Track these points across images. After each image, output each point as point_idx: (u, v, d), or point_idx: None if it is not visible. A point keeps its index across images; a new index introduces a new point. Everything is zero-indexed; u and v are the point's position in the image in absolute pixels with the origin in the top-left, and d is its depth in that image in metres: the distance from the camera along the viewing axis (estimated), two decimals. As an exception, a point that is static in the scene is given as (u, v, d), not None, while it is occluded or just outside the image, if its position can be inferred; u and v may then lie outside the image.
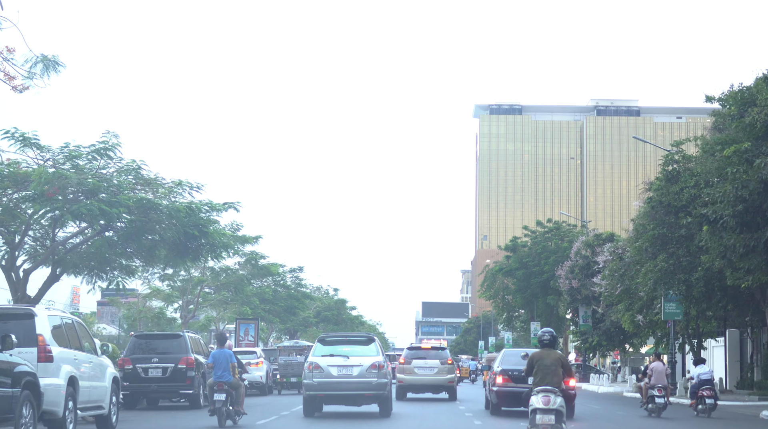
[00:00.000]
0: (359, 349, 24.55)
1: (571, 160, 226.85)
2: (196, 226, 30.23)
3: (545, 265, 78.49)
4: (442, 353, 35.59)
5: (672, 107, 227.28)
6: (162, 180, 30.52)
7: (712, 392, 29.04)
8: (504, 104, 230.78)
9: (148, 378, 27.49)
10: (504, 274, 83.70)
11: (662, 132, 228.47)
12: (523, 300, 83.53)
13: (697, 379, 29.87)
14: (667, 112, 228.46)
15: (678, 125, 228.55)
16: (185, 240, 30.59)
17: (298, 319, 76.31)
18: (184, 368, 27.29)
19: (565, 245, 78.55)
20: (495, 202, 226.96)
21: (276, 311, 67.00)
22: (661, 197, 38.37)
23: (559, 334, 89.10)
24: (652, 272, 38.27)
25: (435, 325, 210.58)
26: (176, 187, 30.41)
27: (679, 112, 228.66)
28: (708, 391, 28.92)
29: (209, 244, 31.45)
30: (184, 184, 30.61)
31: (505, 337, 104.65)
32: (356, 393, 24.09)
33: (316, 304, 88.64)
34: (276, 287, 66.86)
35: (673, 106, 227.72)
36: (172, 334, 29.44)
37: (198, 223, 30.30)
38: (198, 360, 27.92)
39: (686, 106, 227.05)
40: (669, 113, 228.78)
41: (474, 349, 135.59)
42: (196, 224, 30.22)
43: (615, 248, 48.90)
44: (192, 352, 27.81)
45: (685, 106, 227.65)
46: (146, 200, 28.94)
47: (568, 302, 64.15)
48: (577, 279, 61.70)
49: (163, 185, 30.19)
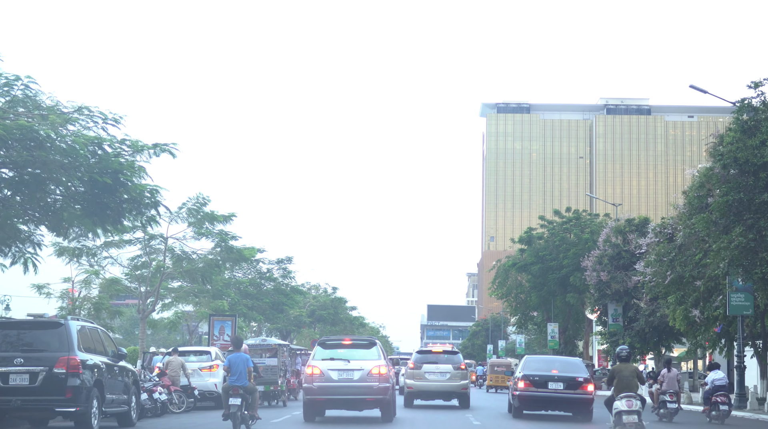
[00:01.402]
0: (360, 352, 23.91)
1: (580, 159, 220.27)
2: (110, 173, 21.11)
3: (564, 259, 69.29)
4: (455, 357, 33.49)
5: (683, 106, 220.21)
6: (62, 108, 21.46)
7: (727, 399, 27.96)
8: (511, 103, 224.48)
9: (8, 388, 17.55)
10: (518, 270, 74.28)
11: (673, 131, 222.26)
12: (539, 299, 74.14)
13: (711, 384, 28.70)
14: (678, 111, 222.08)
15: (690, 124, 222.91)
16: (100, 193, 21.58)
17: (288, 317, 66.88)
18: (63, 373, 17.68)
19: (586, 236, 69.39)
20: (502, 202, 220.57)
21: (260, 308, 57.43)
22: (735, 153, 29.12)
23: (579, 336, 79.98)
24: (726, 250, 28.99)
25: (440, 328, 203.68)
26: (77, 116, 21.21)
27: (690, 111, 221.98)
28: (722, 397, 27.86)
29: (133, 200, 22.19)
30: (92, 110, 21.47)
31: (517, 341, 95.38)
32: (357, 397, 23.47)
33: (310, 302, 78.63)
34: (261, 280, 57.44)
35: (684, 105, 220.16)
36: (47, 322, 18.69)
37: (113, 169, 21.17)
38: (89, 362, 18.53)
39: (698, 104, 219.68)
40: (680, 112, 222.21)
41: (482, 353, 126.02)
42: (110, 171, 21.13)
43: (663, 227, 39.63)
44: (79, 350, 18.21)
45: (697, 105, 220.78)
46: (28, 130, 19.65)
47: (596, 298, 54.68)
48: (606, 271, 52.40)
49: (57, 112, 20.99)
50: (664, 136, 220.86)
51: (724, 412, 27.63)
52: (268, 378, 31.35)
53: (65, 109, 21.54)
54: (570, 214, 73.80)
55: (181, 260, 43.93)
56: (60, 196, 22.62)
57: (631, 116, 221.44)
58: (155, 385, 26.06)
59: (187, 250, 44.16)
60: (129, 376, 21.17)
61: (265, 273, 58.36)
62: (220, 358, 31.70)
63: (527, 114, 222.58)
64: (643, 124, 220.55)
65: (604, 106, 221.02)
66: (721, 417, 27.62)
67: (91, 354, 18.83)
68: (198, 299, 50.85)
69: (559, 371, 26.89)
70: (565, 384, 26.32)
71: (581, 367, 27.74)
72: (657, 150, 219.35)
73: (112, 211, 22.34)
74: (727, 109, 53.57)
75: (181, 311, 51.35)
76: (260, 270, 58.16)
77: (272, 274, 58.76)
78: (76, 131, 21.40)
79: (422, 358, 33.12)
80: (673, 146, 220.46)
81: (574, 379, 26.42)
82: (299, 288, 59.28)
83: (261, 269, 58.17)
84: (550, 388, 26.39)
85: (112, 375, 19.83)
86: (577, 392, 26.30)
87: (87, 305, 43.87)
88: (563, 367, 27.56)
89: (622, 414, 18.11)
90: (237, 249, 45.48)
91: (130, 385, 21.11)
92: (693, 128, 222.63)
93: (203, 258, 44.49)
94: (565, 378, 26.42)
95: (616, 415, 18.29)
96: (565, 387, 26.31)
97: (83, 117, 21.55)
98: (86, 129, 21.71)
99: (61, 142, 20.48)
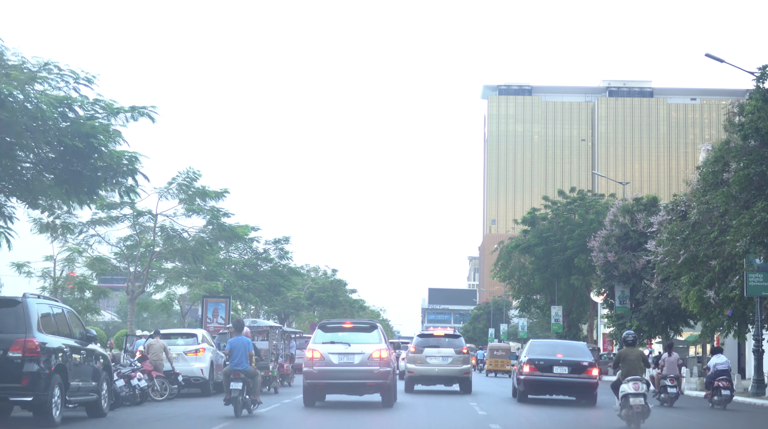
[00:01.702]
0: (361, 336, 23.59)
1: (582, 141, 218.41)
2: (82, 136, 19.07)
3: (569, 240, 67.33)
4: (457, 341, 32.62)
5: (686, 88, 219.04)
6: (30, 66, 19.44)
7: (729, 383, 27.67)
8: (513, 85, 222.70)
9: None
10: (521, 252, 72.24)
11: (676, 114, 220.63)
12: (543, 281, 72.16)
13: (713, 369, 28.30)
14: (681, 94, 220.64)
15: (693, 107, 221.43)
16: (71, 159, 19.59)
17: (285, 300, 64.81)
18: (19, 358, 15.54)
19: (592, 217, 67.47)
20: (504, 185, 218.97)
21: (257, 289, 55.41)
22: (757, 123, 27.09)
23: (583, 320, 78.08)
24: (747, 227, 26.98)
25: (442, 312, 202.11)
26: (46, 74, 19.16)
27: (693, 94, 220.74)
28: (724, 381, 27.53)
29: (109, 168, 20.11)
30: (62, 68, 19.40)
31: (519, 325, 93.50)
32: (358, 382, 23.15)
33: (309, 285, 76.49)
34: (257, 261, 55.31)
35: (687, 87, 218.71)
36: (2, 300, 16.72)
37: (84, 132, 19.12)
38: (50, 345, 16.34)
39: (701, 86, 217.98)
40: (683, 94, 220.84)
41: (484, 337, 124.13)
42: (81, 133, 19.09)
43: (675, 205, 37.64)
44: (39, 331, 16.09)
45: (700, 87, 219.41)
46: None
47: (602, 280, 52.68)
48: (614, 251, 50.42)
49: (23, 69, 18.93)
50: (666, 119, 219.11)
51: (726, 397, 27.26)
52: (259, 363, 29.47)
53: (34, 68, 19.52)
54: (574, 194, 71.81)
55: (172, 238, 41.72)
56: (29, 163, 20.62)
57: (634, 99, 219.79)
58: (134, 370, 24.02)
59: (178, 229, 42.00)
60: (99, 361, 18.95)
61: (261, 253, 56.25)
62: (207, 341, 29.68)
63: (529, 96, 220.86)
64: (645, 107, 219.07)
65: (606, 88, 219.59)
66: (723, 402, 27.26)
67: (53, 336, 16.70)
68: (191, 280, 48.73)
69: (564, 355, 26.82)
70: (570, 368, 26.35)
71: (586, 352, 27.69)
72: (659, 133, 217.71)
73: (86, 180, 20.28)
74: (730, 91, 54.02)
75: (174, 292, 49.25)
76: (256, 250, 56.08)
77: (269, 255, 56.61)
78: (43, 91, 19.42)
79: (423, 342, 32.42)
80: (675, 129, 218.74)
81: (579, 363, 26.42)
82: (297, 269, 57.10)
83: (257, 249, 56.13)
84: (555, 372, 26.42)
85: (78, 359, 17.58)
86: (581, 376, 26.29)
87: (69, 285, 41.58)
88: (568, 351, 27.50)
89: (629, 396, 18.22)
90: (230, 227, 43.32)
91: (100, 371, 18.88)
92: (695, 111, 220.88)
93: (195, 236, 42.35)
94: (570, 362, 26.43)
95: (622, 398, 18.43)
96: (570, 371, 26.34)
97: (52, 76, 19.53)
98: (56, 89, 19.70)
99: (27, 102, 18.42)
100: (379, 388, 23.34)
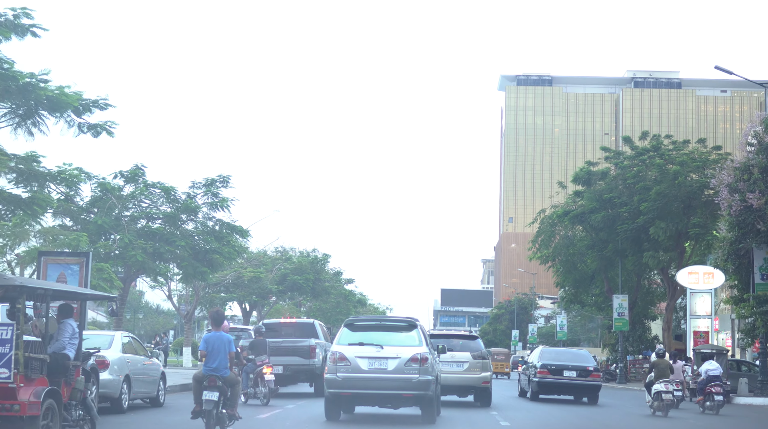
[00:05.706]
0: (397, 336, 18.88)
1: (606, 135, 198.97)
2: None
3: (641, 202, 46.25)
4: (474, 344, 27.42)
5: (716, 79, 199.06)
6: None
7: (721, 389, 27.19)
8: (532, 75, 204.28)
9: None
10: (571, 221, 50.89)
11: (705, 106, 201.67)
12: (602, 261, 50.84)
13: (705, 375, 27.72)
14: (710, 85, 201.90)
15: (723, 99, 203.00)
16: None
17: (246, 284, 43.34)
18: None
19: (677, 168, 46.27)
20: (522, 181, 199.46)
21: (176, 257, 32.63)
22: None
23: (647, 315, 56.94)
24: None
25: (455, 314, 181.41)
26: None
27: (723, 85, 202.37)
28: (717, 387, 27.07)
29: None
30: None
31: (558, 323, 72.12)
32: (392, 393, 18.44)
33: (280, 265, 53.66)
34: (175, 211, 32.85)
35: (717, 79, 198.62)
36: None
37: None
38: None
39: (732, 78, 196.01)
40: (713, 86, 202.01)
41: (506, 339, 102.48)
42: None
43: None
44: None
45: (731, 79, 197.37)
46: None
47: (735, 238, 30.92)
48: (759, 190, 29.01)
49: None
50: (695, 112, 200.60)
51: (719, 402, 26.91)
52: None
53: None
54: (646, 142, 50.54)
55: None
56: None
57: (660, 90, 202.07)
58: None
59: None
60: None
61: (182, 200, 33.38)
62: None
63: (549, 87, 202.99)
64: (673, 99, 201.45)
65: (631, 78, 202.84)
66: (715, 407, 26.90)
67: None
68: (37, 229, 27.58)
69: (571, 362, 29.97)
70: (578, 372, 29.55)
71: (589, 358, 31.09)
72: (687, 126, 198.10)
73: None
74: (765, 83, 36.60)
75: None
76: (177, 197, 33.35)
77: (193, 202, 33.33)
78: None
79: (433, 344, 24.58)
80: (704, 122, 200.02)
81: (585, 368, 29.73)
82: (239, 227, 34.06)
83: (178, 197, 33.36)
84: (565, 375, 29.53)
85: None
86: (587, 379, 29.55)
87: None
88: (574, 358, 30.81)
89: (661, 393, 24.42)
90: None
91: None
92: (726, 104, 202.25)
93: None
94: (577, 367, 29.68)
95: (655, 393, 24.64)
96: (577, 375, 29.52)
97: None
98: None
99: None
100: (418, 401, 18.60)
